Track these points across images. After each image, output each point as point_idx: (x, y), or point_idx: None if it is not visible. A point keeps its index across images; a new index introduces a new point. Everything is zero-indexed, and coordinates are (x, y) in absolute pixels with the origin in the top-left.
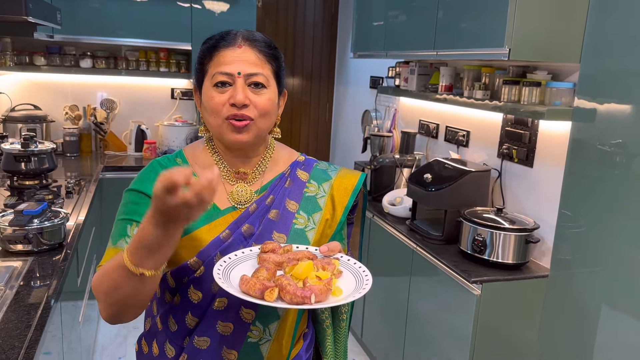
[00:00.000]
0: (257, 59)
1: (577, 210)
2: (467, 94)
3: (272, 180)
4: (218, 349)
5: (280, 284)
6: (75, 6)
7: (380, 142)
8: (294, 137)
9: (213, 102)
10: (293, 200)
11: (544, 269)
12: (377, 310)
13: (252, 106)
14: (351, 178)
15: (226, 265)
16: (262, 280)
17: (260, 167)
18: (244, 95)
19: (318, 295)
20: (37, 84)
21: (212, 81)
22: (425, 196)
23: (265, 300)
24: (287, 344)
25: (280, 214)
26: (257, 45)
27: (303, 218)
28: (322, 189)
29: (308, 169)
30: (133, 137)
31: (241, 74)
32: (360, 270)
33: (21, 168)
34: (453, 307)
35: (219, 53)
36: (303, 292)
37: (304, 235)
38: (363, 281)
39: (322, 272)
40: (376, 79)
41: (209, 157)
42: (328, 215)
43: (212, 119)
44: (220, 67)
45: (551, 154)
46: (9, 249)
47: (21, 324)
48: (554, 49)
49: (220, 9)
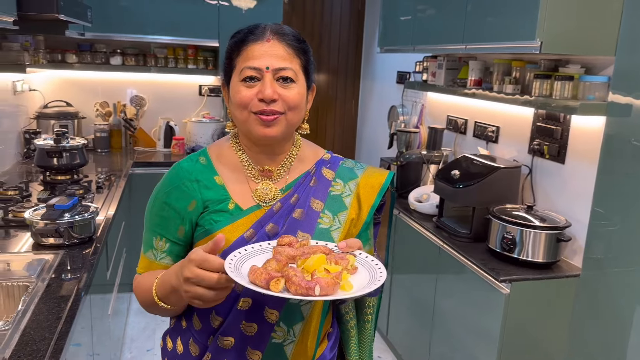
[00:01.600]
0: (286, 53)
1: (611, 208)
2: (496, 89)
3: (297, 179)
4: (242, 349)
5: (287, 274)
6: (105, 4)
7: (407, 138)
8: (319, 133)
9: (240, 97)
10: (318, 200)
11: (576, 268)
12: (403, 308)
13: (280, 100)
14: (378, 177)
15: (240, 257)
16: (269, 271)
17: (286, 164)
18: (272, 90)
19: (324, 288)
20: (69, 81)
21: (240, 76)
22: (452, 193)
23: (271, 290)
24: (312, 345)
25: (305, 213)
26: (285, 39)
27: (328, 217)
28: (348, 188)
29: (334, 167)
30: (162, 133)
31: (269, 68)
32: (376, 268)
33: (53, 163)
34: (481, 306)
35: (247, 47)
36: (308, 283)
37: (328, 235)
38: (376, 278)
39: (333, 266)
40: (403, 74)
41: (233, 154)
42: (354, 215)
43: (239, 114)
44: (249, 62)
45: (584, 150)
46: (41, 242)
47: (52, 315)
48: (587, 41)
49: (247, 5)
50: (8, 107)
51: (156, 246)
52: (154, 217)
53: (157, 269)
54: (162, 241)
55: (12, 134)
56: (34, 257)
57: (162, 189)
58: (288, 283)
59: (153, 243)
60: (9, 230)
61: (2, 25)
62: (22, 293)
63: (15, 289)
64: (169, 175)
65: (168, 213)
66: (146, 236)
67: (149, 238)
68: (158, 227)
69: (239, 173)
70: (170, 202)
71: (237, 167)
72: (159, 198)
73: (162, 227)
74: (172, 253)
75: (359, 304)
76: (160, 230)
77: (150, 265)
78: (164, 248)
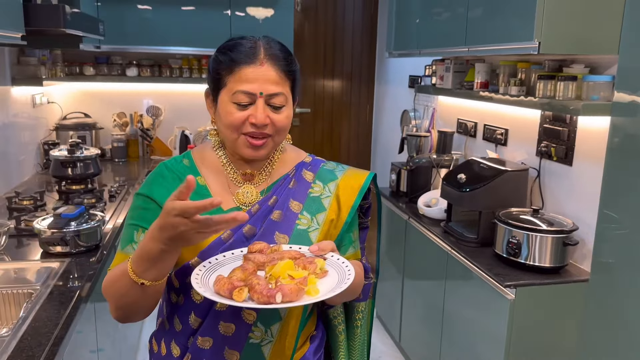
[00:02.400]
0: (278, 77)
1: (619, 211)
2: (502, 91)
3: (276, 181)
4: (220, 350)
5: (251, 283)
6: (119, 17)
7: (417, 142)
8: (334, 138)
9: (233, 118)
10: (297, 201)
11: (585, 273)
12: (415, 314)
13: (270, 124)
14: (358, 177)
15: (209, 267)
16: (232, 280)
17: (267, 168)
18: (264, 115)
19: (287, 295)
20: (87, 93)
21: (231, 97)
22: (459, 197)
23: (234, 300)
24: (290, 345)
25: (283, 214)
26: (278, 63)
27: (306, 219)
28: (328, 189)
29: (314, 169)
30: (177, 142)
31: (263, 94)
32: (346, 270)
33: (68, 173)
34: (487, 312)
35: (239, 69)
36: (269, 291)
37: (306, 236)
38: (344, 281)
39: (298, 272)
40: (414, 78)
41: (216, 158)
42: (333, 216)
43: (229, 134)
44: (242, 86)
45: (591, 151)
46: (48, 251)
47: (50, 322)
48: (589, 40)
49: (259, 15)
50: (28, 119)
51: (137, 239)
52: (135, 211)
53: None
54: (144, 234)
55: (32, 146)
56: (41, 265)
57: (145, 184)
58: (251, 292)
59: (134, 237)
60: (21, 239)
61: (12, 41)
62: (26, 300)
63: (20, 297)
64: (153, 173)
65: (149, 205)
66: (126, 233)
67: (129, 233)
68: (139, 220)
69: (220, 176)
70: (152, 195)
71: (219, 170)
72: (141, 193)
73: (143, 219)
74: None
75: (348, 308)
76: (142, 223)
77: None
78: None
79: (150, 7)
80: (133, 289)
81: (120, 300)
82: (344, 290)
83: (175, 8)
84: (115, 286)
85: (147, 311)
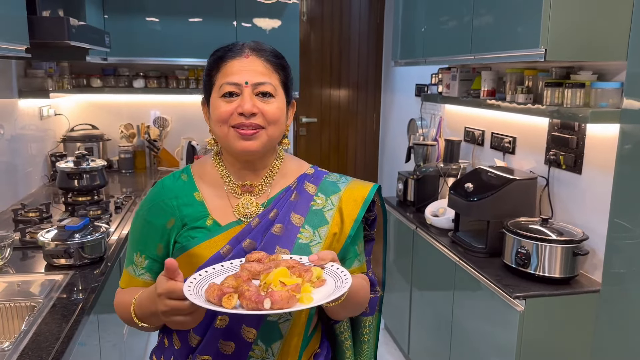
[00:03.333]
0: (265, 69)
1: (630, 219)
2: (509, 98)
3: (277, 194)
4: None
5: (241, 289)
6: (126, 29)
7: (424, 151)
8: (341, 147)
9: (220, 112)
10: (298, 214)
11: (596, 283)
12: (424, 326)
13: (260, 115)
14: (362, 190)
15: (204, 277)
16: (221, 287)
17: (268, 179)
18: (251, 103)
19: (277, 301)
20: (94, 104)
21: (219, 92)
22: (466, 207)
23: (223, 306)
24: None
25: (285, 228)
26: (264, 54)
27: (308, 232)
28: (330, 202)
29: (317, 181)
30: (184, 153)
31: (249, 83)
32: (343, 279)
33: (74, 185)
34: (497, 323)
35: (225, 64)
36: (258, 297)
37: (308, 250)
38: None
39: (290, 279)
40: (421, 87)
41: (215, 171)
42: (336, 229)
43: (219, 129)
44: (228, 78)
45: (600, 159)
46: (52, 263)
47: (52, 336)
48: (597, 47)
49: (265, 25)
50: (35, 131)
51: (136, 262)
52: (135, 232)
53: (137, 284)
54: (141, 258)
55: (40, 158)
56: (45, 278)
57: (144, 205)
58: (241, 298)
59: (134, 259)
60: (26, 252)
61: (16, 53)
62: (29, 313)
63: (23, 310)
64: (151, 193)
65: (148, 230)
66: (128, 251)
67: (131, 253)
68: (138, 244)
69: (219, 189)
70: (149, 219)
71: (218, 183)
72: (140, 215)
73: (142, 243)
74: (151, 270)
75: (355, 323)
76: (140, 247)
77: (130, 280)
78: (143, 264)
79: (157, 19)
80: (137, 325)
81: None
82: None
83: (182, 19)
84: (122, 312)
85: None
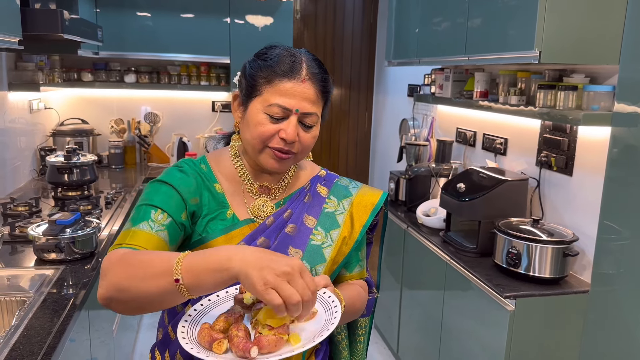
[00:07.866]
0: (315, 97)
1: (620, 221)
2: (502, 100)
3: (292, 194)
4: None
5: (230, 334)
6: (118, 23)
7: (416, 151)
8: (333, 146)
9: (263, 129)
10: (311, 216)
11: (585, 284)
12: (413, 325)
13: (297, 142)
14: (372, 196)
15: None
16: (211, 332)
17: (284, 181)
18: (295, 133)
19: (265, 347)
20: (85, 99)
21: (265, 108)
22: (457, 207)
23: (214, 352)
24: None
25: (298, 228)
26: (318, 82)
27: (320, 234)
28: (342, 206)
29: (329, 184)
30: (175, 149)
31: (299, 111)
32: (333, 311)
33: (64, 180)
34: (487, 323)
35: (280, 82)
36: (245, 344)
37: (320, 252)
38: (327, 328)
39: (277, 318)
40: (413, 87)
41: (232, 166)
42: (346, 233)
43: (256, 143)
44: (280, 100)
45: (591, 162)
46: (43, 258)
47: (43, 330)
48: (590, 50)
49: (258, 23)
50: (25, 125)
51: (154, 218)
52: (153, 194)
53: (152, 241)
54: (162, 215)
55: (29, 152)
56: (36, 273)
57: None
58: (230, 343)
59: (151, 215)
60: (15, 246)
61: (8, 45)
62: (19, 308)
63: (13, 304)
64: (174, 167)
65: (174, 195)
66: (139, 211)
67: (146, 211)
68: (160, 203)
69: (236, 186)
70: (172, 182)
71: (236, 180)
72: (162, 180)
73: (165, 203)
74: (170, 228)
75: (351, 324)
76: (162, 205)
77: (147, 238)
78: (164, 221)
79: (149, 14)
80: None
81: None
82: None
83: (175, 15)
84: (135, 269)
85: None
